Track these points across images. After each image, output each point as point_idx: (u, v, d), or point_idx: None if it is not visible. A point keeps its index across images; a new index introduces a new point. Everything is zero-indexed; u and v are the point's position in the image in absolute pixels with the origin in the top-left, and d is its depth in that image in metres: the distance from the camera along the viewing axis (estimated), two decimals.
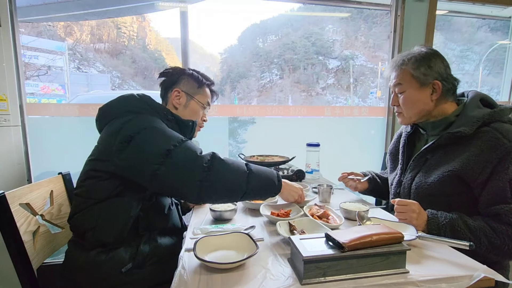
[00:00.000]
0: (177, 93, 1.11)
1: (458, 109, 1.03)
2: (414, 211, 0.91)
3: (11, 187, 0.99)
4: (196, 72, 1.16)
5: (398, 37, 1.92)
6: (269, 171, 0.96)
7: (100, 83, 12.13)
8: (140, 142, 0.87)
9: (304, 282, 0.63)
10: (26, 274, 0.91)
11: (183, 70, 1.16)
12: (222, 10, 21.77)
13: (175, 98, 1.11)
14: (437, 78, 1.01)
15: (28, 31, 8.79)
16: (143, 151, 0.86)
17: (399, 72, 1.05)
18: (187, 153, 0.86)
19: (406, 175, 1.10)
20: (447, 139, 0.98)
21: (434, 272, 0.68)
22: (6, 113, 1.46)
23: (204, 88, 1.16)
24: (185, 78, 1.14)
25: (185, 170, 0.83)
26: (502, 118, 0.95)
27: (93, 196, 0.92)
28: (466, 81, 13.34)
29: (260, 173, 0.92)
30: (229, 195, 0.88)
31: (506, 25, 2.42)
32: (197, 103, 1.14)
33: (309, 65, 17.60)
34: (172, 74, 1.15)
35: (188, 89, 1.13)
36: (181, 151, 0.86)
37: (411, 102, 1.04)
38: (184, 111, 1.12)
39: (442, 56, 1.04)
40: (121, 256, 0.89)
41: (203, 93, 1.16)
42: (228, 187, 0.86)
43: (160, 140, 0.87)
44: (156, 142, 0.87)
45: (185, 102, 1.12)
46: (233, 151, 1.94)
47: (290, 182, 1.07)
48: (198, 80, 1.15)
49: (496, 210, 0.88)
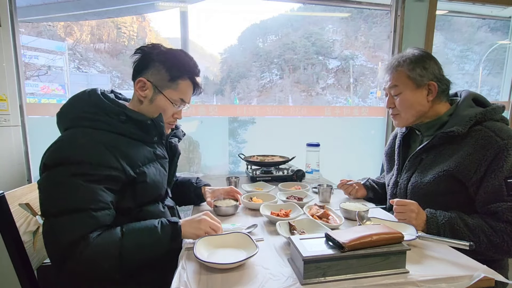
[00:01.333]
0: (142, 84, 0.91)
1: (451, 108, 1.05)
2: (413, 211, 0.91)
3: (11, 187, 0.99)
4: (171, 59, 0.92)
5: (398, 37, 1.92)
6: (149, 226, 0.80)
7: (100, 83, 12.14)
8: (45, 183, 0.78)
9: (304, 282, 0.63)
10: (26, 274, 0.90)
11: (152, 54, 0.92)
12: (222, 10, 21.76)
13: (139, 89, 0.91)
14: (433, 79, 1.02)
15: (28, 31, 8.79)
16: (41, 196, 0.77)
17: (395, 74, 1.06)
18: (56, 230, 0.73)
19: (402, 176, 1.11)
20: (441, 138, 0.99)
21: (434, 272, 0.68)
22: (6, 113, 1.46)
23: (178, 82, 0.93)
24: (155, 65, 0.91)
25: (48, 248, 0.75)
26: (495, 117, 0.97)
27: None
28: (466, 81, 13.34)
29: (136, 229, 0.79)
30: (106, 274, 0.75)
31: (506, 25, 2.42)
32: (165, 100, 0.93)
33: (309, 65, 17.60)
34: (144, 55, 0.92)
35: (157, 81, 0.91)
36: (55, 223, 0.73)
37: (409, 104, 1.05)
38: (149, 106, 0.93)
39: (435, 58, 1.06)
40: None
41: (176, 87, 0.93)
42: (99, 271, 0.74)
43: (58, 196, 0.75)
44: (53, 196, 0.75)
45: (151, 96, 0.92)
46: (233, 151, 1.94)
47: (191, 219, 0.86)
48: (171, 70, 0.91)
49: (493, 209, 0.89)
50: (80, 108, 0.87)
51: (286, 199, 1.19)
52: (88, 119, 0.85)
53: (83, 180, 0.75)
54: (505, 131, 0.91)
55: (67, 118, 0.88)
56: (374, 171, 2.00)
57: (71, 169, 0.75)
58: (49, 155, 0.79)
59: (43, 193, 0.77)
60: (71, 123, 0.87)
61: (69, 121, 0.87)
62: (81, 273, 0.74)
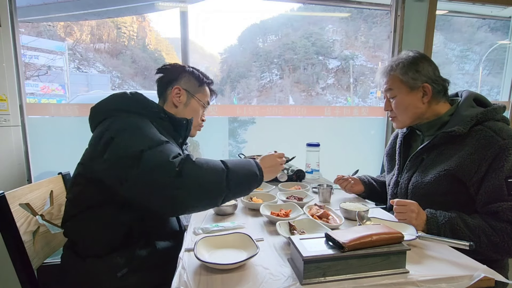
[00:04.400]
0: (177, 91, 1.07)
1: (452, 108, 1.05)
2: (413, 211, 0.91)
3: (11, 187, 0.99)
4: (196, 70, 1.13)
5: (398, 37, 1.92)
6: (247, 161, 0.89)
7: (100, 83, 12.12)
8: (118, 143, 0.81)
9: (304, 282, 0.63)
10: (26, 274, 0.91)
11: (183, 67, 1.12)
12: (222, 10, 21.74)
13: (175, 96, 1.07)
14: (426, 81, 1.03)
15: (28, 31, 8.78)
16: (119, 153, 0.79)
17: (389, 78, 1.08)
18: (158, 156, 0.77)
19: (403, 175, 1.11)
20: (442, 138, 0.99)
21: (434, 272, 0.68)
22: (6, 113, 1.46)
23: (204, 87, 1.14)
24: (186, 75, 1.10)
25: (155, 177, 0.74)
26: (495, 117, 0.97)
27: (80, 204, 0.90)
28: (466, 81, 13.33)
29: (239, 167, 0.84)
30: (208, 200, 0.80)
31: (506, 25, 2.42)
32: (197, 102, 1.12)
33: (309, 65, 17.59)
34: (171, 70, 1.11)
35: (189, 87, 1.10)
36: (153, 154, 0.77)
37: (403, 106, 1.07)
38: (184, 109, 1.09)
39: (430, 59, 1.06)
40: (116, 262, 0.87)
41: (203, 92, 1.14)
42: (205, 191, 0.77)
43: (136, 141, 0.81)
44: (132, 143, 0.80)
45: (185, 100, 1.09)
46: (233, 151, 1.94)
47: (263, 157, 0.96)
48: (199, 78, 1.12)
49: (494, 208, 0.89)
50: (121, 102, 0.95)
51: (286, 199, 1.19)
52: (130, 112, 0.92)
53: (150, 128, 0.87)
54: (506, 131, 0.91)
55: (107, 108, 0.94)
56: (374, 171, 2.00)
57: (138, 125, 0.86)
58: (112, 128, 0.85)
59: (121, 141, 0.81)
60: (110, 113, 0.92)
61: (109, 111, 0.93)
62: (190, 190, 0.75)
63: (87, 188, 0.89)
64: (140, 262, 0.90)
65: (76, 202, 0.92)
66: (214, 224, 0.96)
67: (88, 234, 0.90)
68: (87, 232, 0.90)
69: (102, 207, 0.89)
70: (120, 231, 0.89)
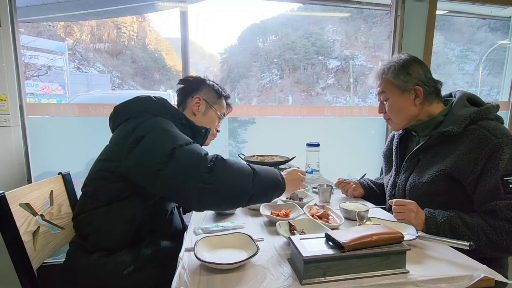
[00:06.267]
0: (197, 100, 1.12)
1: (446, 109, 1.06)
2: (412, 210, 0.91)
3: (11, 187, 0.99)
4: (216, 84, 1.20)
5: (398, 37, 1.92)
6: (272, 169, 0.93)
7: (100, 83, 12.13)
8: (149, 141, 0.85)
9: (304, 282, 0.63)
10: (26, 274, 0.90)
11: (204, 80, 1.18)
12: (222, 10, 21.77)
13: (195, 105, 1.12)
14: (418, 83, 1.04)
15: (28, 31, 8.79)
16: (149, 150, 0.84)
17: (381, 81, 1.10)
18: (191, 153, 0.83)
19: (400, 176, 1.12)
20: (437, 138, 1.00)
21: (434, 272, 0.68)
22: (6, 113, 1.46)
23: (222, 100, 1.20)
24: (206, 87, 1.16)
25: (188, 171, 0.80)
26: (489, 116, 0.97)
27: (99, 198, 0.92)
28: (466, 81, 13.34)
29: (265, 172, 0.88)
30: (234, 199, 0.83)
31: (506, 25, 2.42)
32: (215, 112, 1.17)
33: (309, 65, 17.60)
34: (193, 82, 1.17)
35: (209, 98, 1.15)
36: (185, 151, 0.83)
37: (396, 109, 1.08)
38: (202, 118, 1.14)
39: (421, 61, 1.08)
40: (123, 259, 0.90)
41: (221, 104, 1.19)
42: (233, 190, 0.81)
43: (167, 140, 0.85)
44: (163, 141, 0.85)
45: (204, 109, 1.14)
46: (233, 151, 1.94)
47: (287, 171, 1.01)
48: (218, 91, 1.18)
49: (491, 207, 0.89)
50: (147, 104, 0.99)
51: (286, 199, 1.19)
52: (156, 115, 0.96)
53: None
54: (499, 130, 0.92)
55: (133, 109, 0.98)
56: (374, 171, 2.00)
57: (167, 127, 0.90)
58: (143, 128, 0.88)
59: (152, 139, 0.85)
60: (136, 114, 0.96)
61: (134, 112, 0.97)
62: (220, 186, 0.79)
63: (111, 183, 0.91)
64: (144, 260, 0.92)
65: (96, 196, 0.93)
66: (214, 224, 0.96)
67: (103, 229, 0.91)
68: (102, 227, 0.91)
69: (122, 202, 0.91)
70: (132, 228, 0.93)
